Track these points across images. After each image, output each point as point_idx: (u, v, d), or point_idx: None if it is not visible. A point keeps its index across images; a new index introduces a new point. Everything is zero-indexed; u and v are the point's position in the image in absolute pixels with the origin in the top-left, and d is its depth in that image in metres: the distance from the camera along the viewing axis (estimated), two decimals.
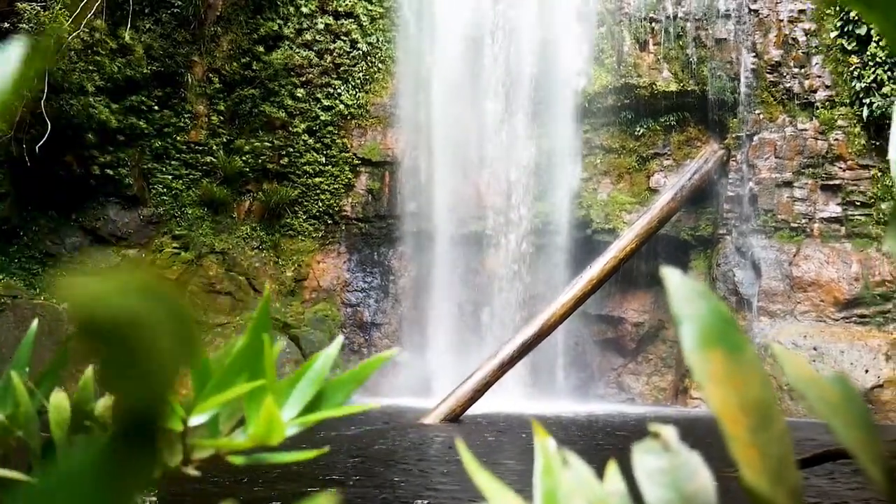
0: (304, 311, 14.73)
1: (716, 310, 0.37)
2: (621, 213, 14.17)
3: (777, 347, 0.40)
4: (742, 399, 0.35)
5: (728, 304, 13.49)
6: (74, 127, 12.92)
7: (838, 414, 0.37)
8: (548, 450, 0.45)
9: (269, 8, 14.95)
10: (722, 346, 0.36)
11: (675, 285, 0.40)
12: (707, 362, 0.36)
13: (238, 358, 0.63)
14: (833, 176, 13.29)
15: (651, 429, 0.42)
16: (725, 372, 0.35)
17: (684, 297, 0.38)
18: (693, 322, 0.37)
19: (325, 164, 15.15)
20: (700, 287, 0.40)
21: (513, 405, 11.83)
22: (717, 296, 0.40)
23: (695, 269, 14.24)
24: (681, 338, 0.38)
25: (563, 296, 11.95)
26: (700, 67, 13.94)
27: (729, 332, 0.36)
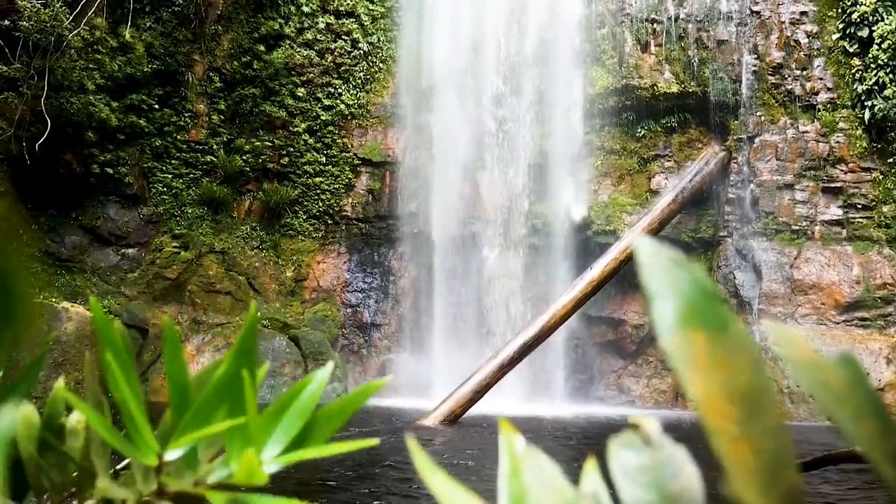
0: (303, 312, 14.68)
1: (697, 283, 0.32)
2: (622, 214, 14.13)
3: (772, 324, 0.35)
4: (729, 386, 0.30)
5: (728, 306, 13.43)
6: (74, 125, 12.89)
7: (844, 402, 0.32)
8: (514, 450, 0.41)
9: (270, 7, 14.92)
10: (705, 326, 0.31)
11: (647, 255, 0.35)
12: (687, 344, 0.31)
13: (218, 386, 0.58)
14: (834, 178, 13.24)
15: (630, 420, 0.37)
16: (709, 355, 0.30)
17: (659, 268, 0.34)
18: (670, 297, 0.32)
19: (325, 164, 15.11)
20: (678, 256, 0.35)
21: (512, 407, 11.79)
22: (696, 266, 0.34)
23: None
24: (654, 316, 0.34)
25: (564, 297, 11.91)
26: (701, 69, 13.89)
27: (713, 308, 0.32)
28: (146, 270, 14.02)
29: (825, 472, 5.72)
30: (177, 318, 13.69)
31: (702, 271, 0.34)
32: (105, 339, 0.64)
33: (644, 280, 0.33)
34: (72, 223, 13.94)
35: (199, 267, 14.32)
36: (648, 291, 0.33)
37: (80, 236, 13.99)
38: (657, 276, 0.32)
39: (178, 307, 13.91)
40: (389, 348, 14.84)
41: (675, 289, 0.32)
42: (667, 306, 0.32)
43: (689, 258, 0.35)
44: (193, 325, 13.71)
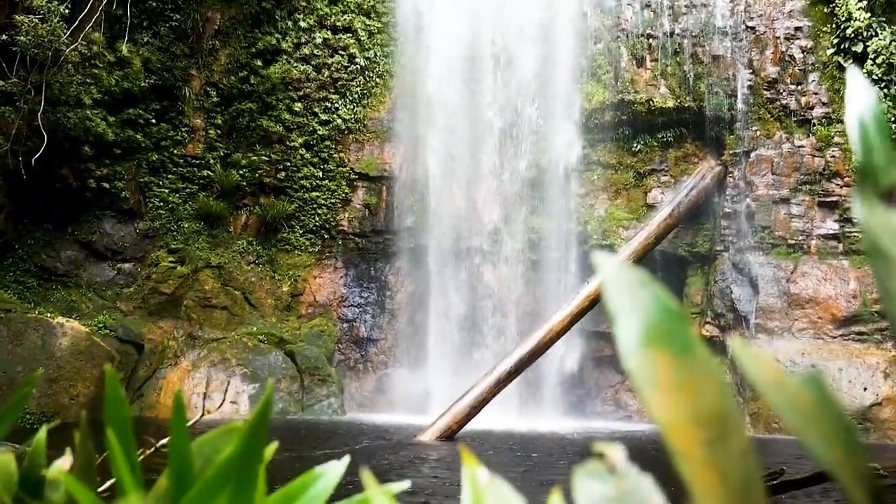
0: (300, 326, 14.64)
1: (660, 302, 0.31)
2: (618, 229, 14.13)
3: (736, 342, 0.34)
4: (695, 409, 0.29)
5: (725, 321, 13.42)
6: (71, 140, 12.89)
7: (812, 423, 0.31)
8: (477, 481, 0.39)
9: (268, 22, 14.98)
10: (669, 346, 0.30)
11: (609, 273, 0.33)
12: (651, 365, 0.30)
13: (227, 465, 0.54)
14: (830, 192, 13.27)
15: (596, 448, 0.36)
16: (674, 377, 0.29)
17: (622, 286, 0.32)
18: (633, 316, 0.30)
19: (322, 179, 15.11)
20: (641, 275, 0.33)
21: (509, 422, 11.73)
22: (659, 286, 0.33)
23: (692, 286, 14.19)
24: (616, 336, 0.32)
25: (560, 312, 11.89)
26: (697, 84, 13.95)
27: (677, 328, 0.30)
28: (142, 285, 13.98)
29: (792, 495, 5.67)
30: (172, 333, 13.64)
31: (665, 291, 0.33)
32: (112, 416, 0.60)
33: (607, 299, 0.32)
34: (68, 238, 13.92)
35: (195, 282, 14.28)
36: (611, 310, 0.32)
37: (75, 251, 13.96)
38: (620, 295, 0.31)
39: (174, 322, 13.86)
40: (386, 363, 14.79)
41: (638, 308, 0.31)
42: (630, 326, 0.31)
43: (652, 278, 0.34)
44: (189, 341, 13.65)
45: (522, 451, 9.11)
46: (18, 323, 10.89)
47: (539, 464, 7.85)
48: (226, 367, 12.83)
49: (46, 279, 13.61)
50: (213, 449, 0.58)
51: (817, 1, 13.72)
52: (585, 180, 14.48)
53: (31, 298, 13.02)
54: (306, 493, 0.58)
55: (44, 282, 13.57)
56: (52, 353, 10.82)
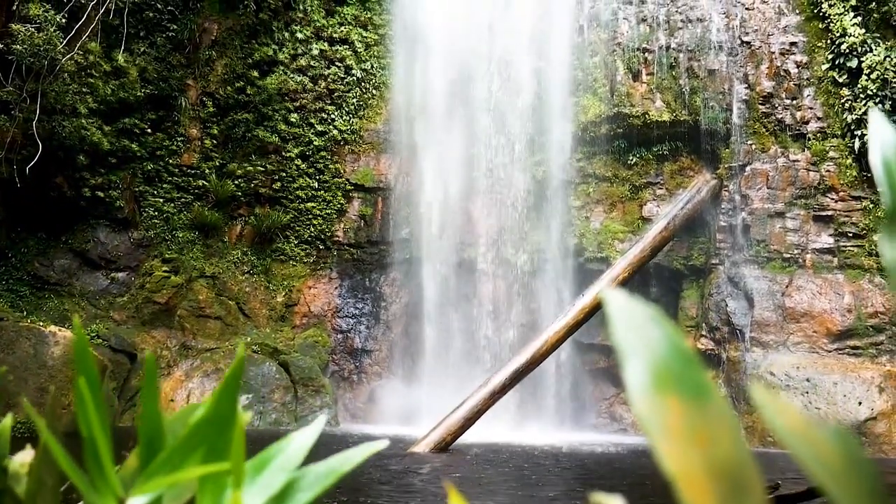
0: (294, 337, 14.58)
1: (672, 343, 0.28)
2: (614, 241, 14.14)
3: (758, 391, 0.32)
4: (709, 459, 0.27)
5: (720, 334, 13.41)
6: (66, 148, 12.86)
7: (839, 479, 0.29)
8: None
9: (265, 33, 15.00)
10: (681, 391, 0.29)
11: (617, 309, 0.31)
12: (661, 411, 0.28)
13: (198, 429, 0.52)
14: (825, 207, 13.30)
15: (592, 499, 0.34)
16: (686, 424, 0.28)
17: (630, 324, 0.30)
18: (642, 357, 0.29)
19: (317, 189, 15.10)
20: (651, 311, 0.31)
21: (504, 434, 11.69)
22: (672, 323, 0.31)
23: (687, 299, 14.19)
24: (625, 378, 0.30)
25: (556, 324, 11.86)
26: (693, 98, 14.00)
27: (689, 371, 0.29)
28: (136, 295, 13.92)
29: None
30: (166, 342, 13.57)
31: (676, 330, 0.31)
32: (82, 366, 0.59)
33: (614, 337, 0.30)
34: (61, 246, 13.86)
35: (188, 291, 14.23)
36: (619, 350, 0.29)
37: (69, 260, 13.90)
38: (628, 333, 0.29)
39: (168, 332, 13.80)
40: (380, 374, 14.73)
41: (647, 348, 0.29)
42: (639, 367, 0.29)
43: (662, 314, 0.32)
44: (182, 350, 13.59)
45: (517, 464, 9.06)
46: (10, 331, 10.82)
47: (533, 478, 7.80)
48: (219, 377, 12.77)
49: (39, 288, 13.54)
50: (183, 425, 0.56)
51: (812, 17, 13.80)
52: (581, 193, 14.50)
53: (24, 307, 12.95)
54: (282, 454, 0.56)
55: (37, 290, 13.50)
56: (44, 361, 10.74)
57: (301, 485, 0.56)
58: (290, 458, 0.57)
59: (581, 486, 7.45)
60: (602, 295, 0.32)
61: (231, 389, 0.53)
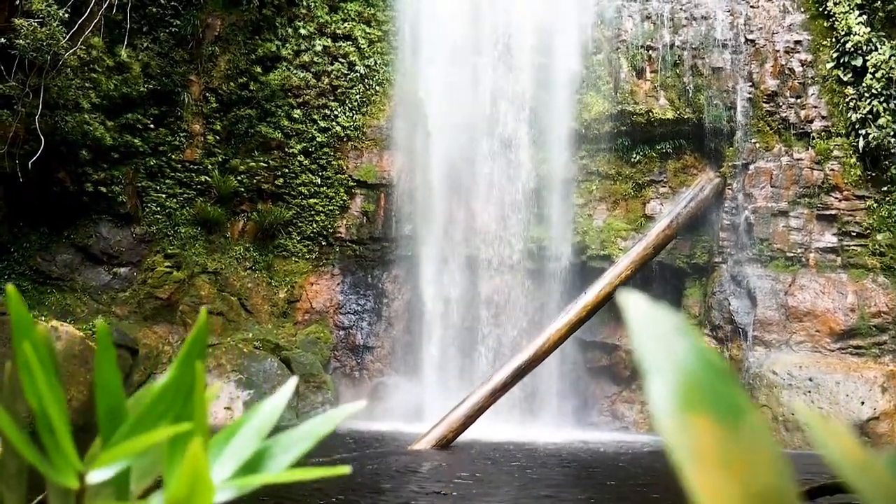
0: (296, 333, 14.58)
1: (701, 356, 0.25)
2: (617, 239, 14.11)
3: (813, 417, 0.29)
4: (745, 488, 0.24)
5: (723, 332, 13.38)
6: (69, 143, 12.84)
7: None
8: None
9: (268, 29, 14.97)
10: (713, 411, 0.26)
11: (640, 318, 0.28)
12: (690, 433, 0.25)
13: (161, 396, 0.49)
14: (829, 206, 13.26)
15: None
16: (719, 449, 0.25)
17: (654, 335, 0.27)
18: (668, 373, 0.26)
19: (320, 186, 15.08)
20: (676, 320, 0.28)
21: (505, 432, 11.68)
22: (701, 333, 0.28)
23: (690, 297, 14.16)
24: (649, 396, 0.27)
25: (558, 321, 11.85)
26: (697, 96, 13.96)
27: (722, 389, 0.26)
28: (138, 290, 13.92)
29: None
30: (167, 338, 13.57)
31: (704, 341, 0.28)
32: (22, 331, 0.55)
33: (636, 350, 0.27)
34: (63, 241, 13.86)
35: (191, 287, 14.22)
36: (642, 364, 0.27)
37: (71, 255, 13.90)
38: (652, 346, 0.26)
39: (169, 327, 13.80)
40: (382, 371, 14.73)
41: (674, 363, 0.26)
42: (665, 385, 0.27)
43: (688, 324, 0.29)
44: None
45: (518, 462, 9.05)
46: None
47: (535, 476, 7.79)
48: (221, 372, 12.77)
49: (41, 283, 13.55)
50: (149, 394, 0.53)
51: (817, 15, 13.75)
52: (584, 190, 14.47)
53: (26, 302, 12.92)
54: (253, 419, 0.53)
55: (39, 285, 13.50)
56: None
57: (275, 450, 0.53)
58: (262, 423, 0.54)
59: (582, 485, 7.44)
60: (621, 300, 0.29)
61: (193, 354, 0.50)
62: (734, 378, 0.27)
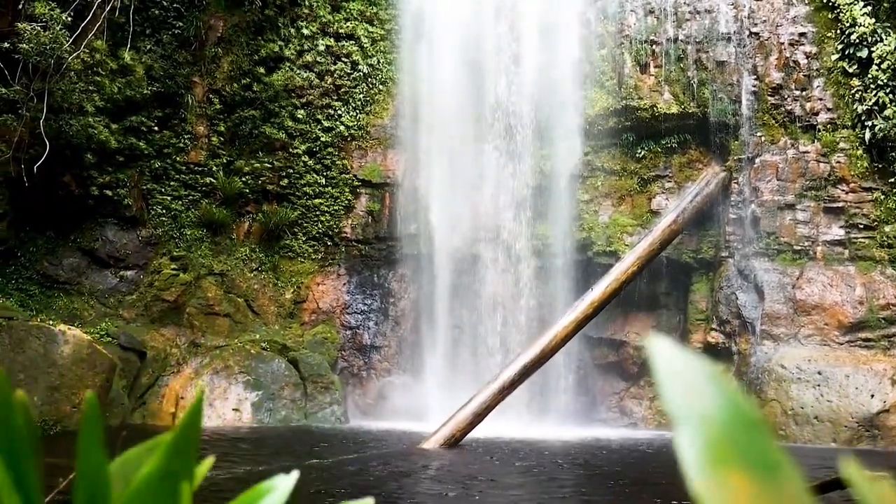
0: (303, 334, 14.58)
1: (734, 406, 0.22)
2: (623, 235, 14.07)
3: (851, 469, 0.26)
4: None
5: (731, 327, 13.33)
6: (73, 147, 12.86)
7: None
8: None
9: (271, 29, 14.96)
10: (748, 466, 0.24)
11: (667, 366, 0.26)
12: (724, 491, 0.23)
13: (143, 489, 0.44)
14: (836, 198, 13.20)
15: None
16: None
17: (682, 383, 0.24)
18: (699, 425, 0.24)
19: (325, 186, 15.08)
20: (707, 367, 0.26)
21: (514, 430, 11.66)
22: (733, 380, 0.25)
23: (697, 292, 14.11)
24: (678, 449, 0.24)
25: (565, 318, 11.82)
26: (701, 90, 13.90)
27: (757, 441, 0.24)
28: (144, 293, 13.94)
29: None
30: (175, 340, 13.59)
31: (738, 389, 0.25)
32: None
33: (664, 398, 0.25)
34: (70, 245, 13.88)
35: (197, 289, 14.23)
36: (670, 414, 0.24)
37: (78, 258, 13.92)
38: (681, 395, 0.23)
39: (177, 329, 13.82)
40: (389, 371, 14.72)
41: (705, 413, 0.25)
42: (695, 437, 0.24)
43: (720, 370, 0.26)
44: (191, 348, 13.60)
45: (527, 460, 9.03)
46: (20, 330, 10.83)
47: (544, 474, 7.77)
48: (228, 374, 12.78)
49: (48, 287, 13.57)
50: (137, 468, 0.48)
51: (821, 7, 13.67)
52: (589, 186, 14.43)
53: (33, 306, 12.98)
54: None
55: (46, 289, 13.53)
56: (53, 360, 10.76)
57: None
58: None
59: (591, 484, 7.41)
60: (648, 346, 0.27)
61: (187, 440, 0.45)
62: (769, 430, 0.25)
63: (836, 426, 11.53)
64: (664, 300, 14.47)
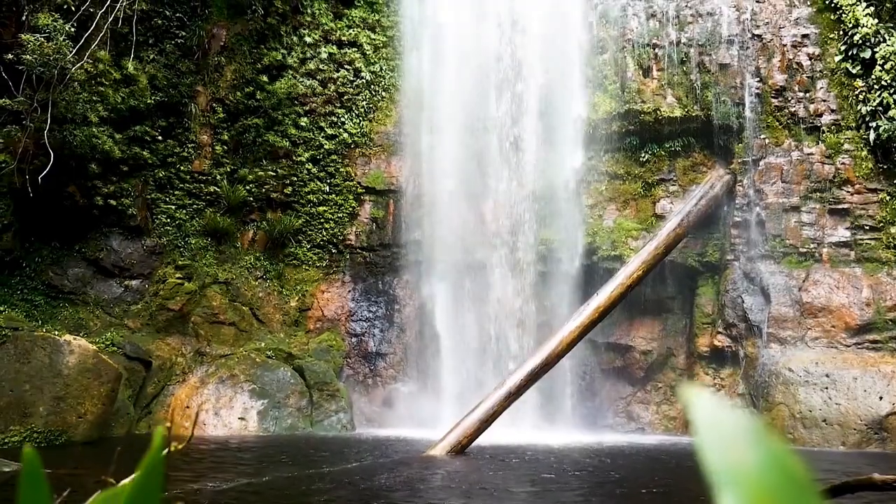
0: (308, 342, 14.56)
1: (779, 464, 0.20)
2: (627, 239, 14.03)
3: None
4: None
5: (737, 330, 13.27)
6: (78, 157, 12.88)
7: None
8: None
9: (273, 38, 14.99)
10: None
11: (707, 421, 0.23)
12: None
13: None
14: (841, 200, 13.15)
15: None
16: None
17: (723, 437, 0.22)
18: (741, 485, 0.22)
19: (328, 193, 15.08)
20: (749, 423, 0.23)
21: (521, 436, 11.61)
22: (776, 435, 0.22)
23: (703, 296, 14.06)
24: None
25: (570, 323, 11.78)
26: (704, 93, 13.87)
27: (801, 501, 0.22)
28: (149, 302, 13.94)
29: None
30: (180, 349, 13.58)
31: (781, 445, 0.23)
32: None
33: (704, 457, 0.22)
34: (75, 255, 13.90)
35: (202, 298, 14.23)
36: (710, 471, 0.22)
37: (83, 268, 13.93)
38: (721, 454, 0.21)
39: (182, 339, 13.82)
40: (395, 377, 14.69)
41: (747, 474, 0.22)
42: (739, 498, 0.22)
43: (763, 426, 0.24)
44: (197, 357, 13.60)
45: (535, 466, 8.98)
46: (25, 341, 10.83)
47: (552, 482, 7.72)
48: (234, 383, 12.77)
49: (54, 297, 13.58)
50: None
51: (824, 8, 13.65)
52: (593, 191, 14.40)
53: (39, 316, 12.99)
54: None
55: (51, 300, 13.54)
56: (59, 371, 10.75)
57: None
58: None
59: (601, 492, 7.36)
60: (686, 398, 0.25)
61: (149, 486, 0.42)
62: (815, 490, 0.24)
63: (845, 429, 11.46)
64: (670, 304, 14.42)
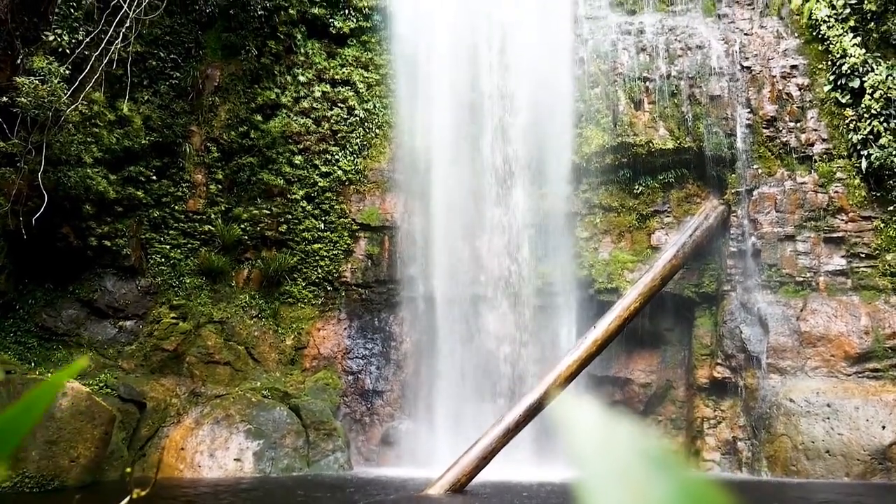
0: (304, 380, 14.42)
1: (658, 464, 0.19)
2: (623, 271, 14.00)
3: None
4: None
5: (736, 361, 13.18)
6: (72, 198, 12.88)
7: None
8: None
9: (267, 77, 15.11)
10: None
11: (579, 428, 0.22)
12: None
13: None
14: (835, 228, 13.16)
15: None
16: None
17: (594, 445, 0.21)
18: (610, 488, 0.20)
19: (323, 230, 15.07)
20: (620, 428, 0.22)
21: (521, 473, 11.44)
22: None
23: (701, 327, 13.99)
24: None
25: (568, 358, 11.70)
26: (696, 124, 13.97)
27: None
28: (144, 342, 13.82)
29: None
30: (175, 390, 13.43)
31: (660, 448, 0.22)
32: None
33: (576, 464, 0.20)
34: (69, 296, 13.81)
35: (197, 337, 14.12)
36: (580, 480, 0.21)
37: (76, 310, 13.83)
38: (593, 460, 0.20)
39: (177, 379, 13.67)
40: (392, 415, 14.52)
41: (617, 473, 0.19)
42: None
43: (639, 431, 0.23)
44: (192, 398, 13.44)
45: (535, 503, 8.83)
46: (18, 384, 10.69)
47: None
48: (229, 423, 12.60)
49: (47, 339, 13.46)
50: None
51: (811, 39, 13.82)
52: (588, 224, 14.41)
53: (32, 358, 12.86)
54: None
55: (45, 341, 13.42)
56: (51, 414, 10.60)
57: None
58: None
59: None
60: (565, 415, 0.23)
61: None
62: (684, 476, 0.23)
63: (849, 460, 11.31)
64: (668, 336, 14.34)
